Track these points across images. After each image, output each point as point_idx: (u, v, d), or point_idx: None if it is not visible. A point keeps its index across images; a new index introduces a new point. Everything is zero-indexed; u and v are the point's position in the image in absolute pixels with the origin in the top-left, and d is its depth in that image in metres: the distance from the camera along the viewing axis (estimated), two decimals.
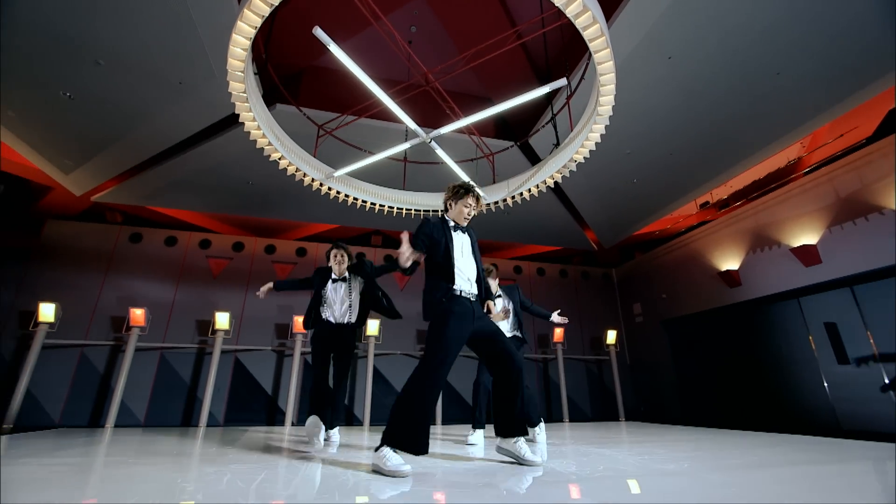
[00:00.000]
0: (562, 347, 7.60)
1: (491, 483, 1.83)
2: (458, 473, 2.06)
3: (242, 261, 7.37)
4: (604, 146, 4.90)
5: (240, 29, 2.06)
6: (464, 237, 2.47)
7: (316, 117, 3.80)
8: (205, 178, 5.46)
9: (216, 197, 6.09)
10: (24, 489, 1.64)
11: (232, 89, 2.52)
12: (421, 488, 1.70)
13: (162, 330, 6.58)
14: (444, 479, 1.91)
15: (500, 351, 2.30)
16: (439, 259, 2.33)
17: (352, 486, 1.73)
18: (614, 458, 2.59)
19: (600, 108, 2.70)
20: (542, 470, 2.13)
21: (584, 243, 7.98)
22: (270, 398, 6.71)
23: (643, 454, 2.73)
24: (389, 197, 3.97)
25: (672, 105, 4.31)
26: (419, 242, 2.30)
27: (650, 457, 2.60)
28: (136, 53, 3.63)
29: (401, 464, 1.95)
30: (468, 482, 1.85)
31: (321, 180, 3.48)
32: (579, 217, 6.85)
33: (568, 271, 8.99)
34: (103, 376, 6.14)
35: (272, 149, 3.02)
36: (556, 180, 3.60)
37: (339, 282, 3.35)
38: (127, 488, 1.67)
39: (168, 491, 1.62)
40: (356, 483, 1.80)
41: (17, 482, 1.75)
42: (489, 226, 7.20)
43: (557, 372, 7.53)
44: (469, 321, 2.28)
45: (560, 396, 7.35)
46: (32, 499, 1.50)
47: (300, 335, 6.64)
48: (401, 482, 1.81)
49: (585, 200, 6.17)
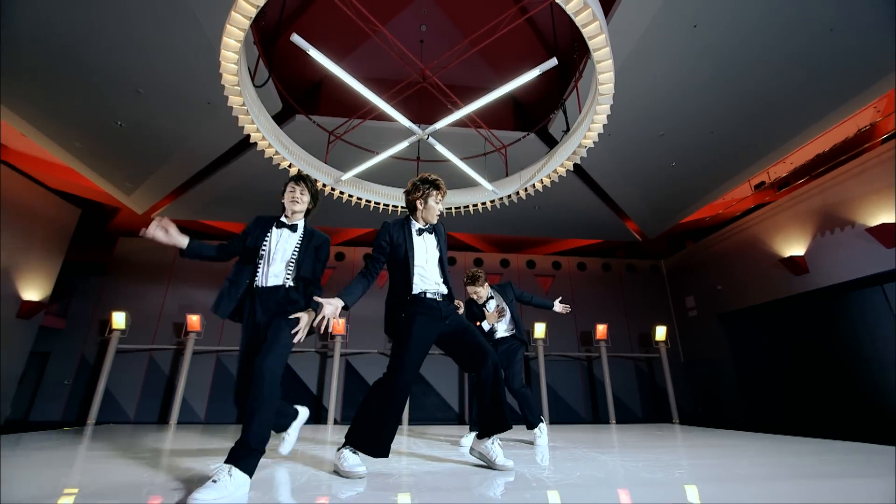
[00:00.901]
0: (605, 345, 7.22)
1: (440, 486, 1.78)
2: (416, 475, 2.04)
3: None
4: (632, 130, 4.60)
5: (227, 45, 2.17)
6: (429, 238, 2.32)
7: (330, 124, 3.93)
8: (243, 192, 5.82)
9: (255, 208, 6.46)
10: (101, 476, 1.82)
11: (231, 103, 2.66)
12: (373, 491, 1.70)
13: (217, 334, 7.11)
14: (400, 482, 1.88)
15: (472, 346, 2.19)
16: (399, 265, 2.24)
17: (306, 485, 1.77)
18: (604, 464, 2.40)
19: (601, 88, 2.50)
20: (512, 475, 2.02)
21: (627, 235, 7.53)
22: (315, 397, 7.01)
23: (642, 461, 2.49)
24: (401, 197, 3.99)
25: (704, 78, 3.92)
26: (376, 253, 2.23)
27: (645, 464, 2.37)
28: (169, 78, 3.95)
29: (357, 464, 1.96)
30: (422, 484, 1.82)
31: (331, 185, 3.57)
32: (616, 207, 6.47)
33: (611, 265, 8.53)
34: (168, 377, 6.75)
35: (280, 157, 3.15)
36: (568, 168, 3.40)
37: (289, 229, 2.25)
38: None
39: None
40: (311, 482, 1.83)
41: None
42: (521, 222, 7.01)
43: (602, 370, 7.15)
44: (435, 321, 2.19)
45: (605, 396, 6.97)
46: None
47: (339, 337, 6.87)
48: (357, 483, 1.82)
49: (620, 189, 5.81)
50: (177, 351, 6.88)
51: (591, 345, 7.63)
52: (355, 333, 7.27)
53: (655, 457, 2.68)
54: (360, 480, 1.87)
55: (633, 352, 7.75)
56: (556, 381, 7.46)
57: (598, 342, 7.29)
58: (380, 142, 3.46)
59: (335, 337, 6.87)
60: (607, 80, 2.44)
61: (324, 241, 2.29)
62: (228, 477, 1.54)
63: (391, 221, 2.31)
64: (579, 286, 8.29)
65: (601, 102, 2.63)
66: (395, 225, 2.30)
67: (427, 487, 1.77)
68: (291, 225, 2.20)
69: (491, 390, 2.18)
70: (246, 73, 2.76)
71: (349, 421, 6.70)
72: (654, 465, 2.32)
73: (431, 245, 2.31)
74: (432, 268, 2.27)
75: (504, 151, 3.95)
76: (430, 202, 2.30)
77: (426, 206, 2.30)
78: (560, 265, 8.43)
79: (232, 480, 1.54)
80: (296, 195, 2.22)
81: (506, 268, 8.28)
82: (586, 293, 8.22)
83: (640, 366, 7.75)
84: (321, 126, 3.82)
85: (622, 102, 4.18)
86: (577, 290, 8.24)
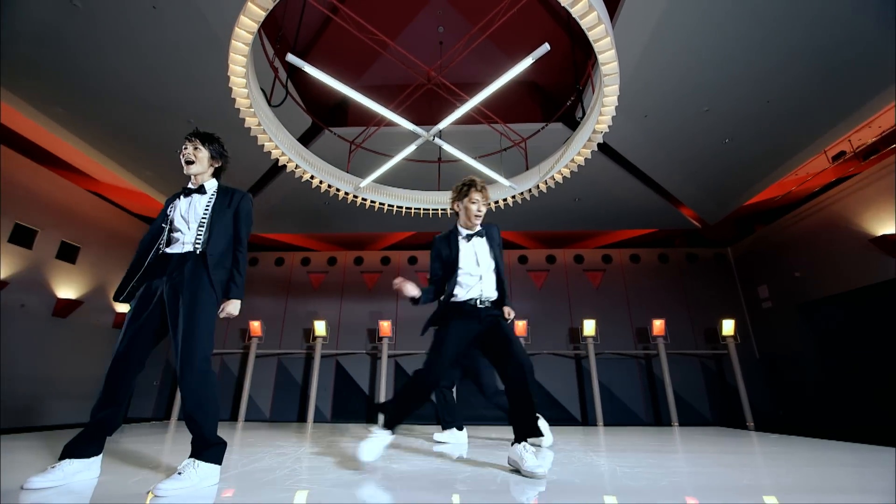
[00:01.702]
0: (664, 341, 6.71)
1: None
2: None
3: (336, 273, 8.17)
4: (671, 108, 4.24)
5: (233, 71, 2.35)
6: (479, 242, 2.32)
7: (350, 134, 4.06)
8: (291, 204, 6.21)
9: (305, 218, 6.87)
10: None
11: (248, 123, 2.87)
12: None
13: (277, 338, 7.65)
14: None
15: (501, 350, 2.18)
16: (448, 271, 2.30)
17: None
18: (596, 467, 2.24)
19: (603, 69, 2.32)
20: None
21: (683, 222, 6.95)
22: (368, 397, 7.28)
23: (636, 466, 2.26)
24: (423, 199, 4.02)
25: (752, 39, 3.48)
26: (432, 275, 2.33)
27: (625, 467, 2.14)
28: (213, 108, 4.33)
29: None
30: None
31: (351, 192, 3.70)
32: (666, 193, 6.00)
33: (669, 255, 7.92)
34: (237, 378, 7.38)
35: (302, 170, 3.34)
36: (586, 156, 3.20)
37: (197, 193, 1.99)
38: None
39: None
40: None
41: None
42: (562, 215, 6.76)
43: (662, 369, 6.66)
44: (474, 323, 2.23)
45: (666, 397, 6.48)
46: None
47: (386, 339, 7.07)
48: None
49: (666, 174, 5.37)
50: (243, 354, 7.50)
51: (649, 342, 7.14)
52: (403, 335, 7.44)
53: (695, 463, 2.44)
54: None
55: (698, 348, 7.12)
56: (611, 381, 7.08)
57: (655, 339, 6.80)
58: (398, 147, 3.53)
59: (382, 339, 7.09)
60: (609, 59, 2.25)
61: (242, 198, 2.04)
62: (194, 469, 1.65)
63: (439, 235, 2.39)
64: (633, 280, 7.79)
65: (607, 84, 2.45)
66: (442, 238, 2.37)
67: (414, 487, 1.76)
68: (199, 187, 1.98)
69: (519, 395, 2.12)
70: (260, 95, 2.97)
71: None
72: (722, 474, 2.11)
73: (482, 250, 2.31)
74: (485, 272, 2.28)
75: (524, 145, 3.83)
76: (465, 203, 2.32)
77: (465, 209, 2.33)
78: (611, 258, 8.00)
79: (197, 472, 1.64)
80: (186, 152, 1.97)
81: (552, 264, 8.02)
82: (641, 287, 7.71)
83: (708, 364, 7.10)
84: (342, 137, 3.98)
85: (653, 79, 3.87)
86: (630, 284, 7.76)
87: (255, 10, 2.13)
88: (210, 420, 1.76)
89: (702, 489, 1.80)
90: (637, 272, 7.86)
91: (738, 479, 1.98)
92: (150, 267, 1.88)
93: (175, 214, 1.94)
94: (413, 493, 1.72)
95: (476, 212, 2.32)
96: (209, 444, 1.73)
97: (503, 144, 3.89)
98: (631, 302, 7.62)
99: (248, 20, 2.13)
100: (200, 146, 2.01)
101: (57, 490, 1.58)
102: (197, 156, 1.99)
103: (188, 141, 2.02)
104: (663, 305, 7.44)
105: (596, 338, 6.94)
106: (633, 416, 6.86)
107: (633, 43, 3.46)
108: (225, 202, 2.00)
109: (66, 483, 1.64)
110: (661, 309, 7.34)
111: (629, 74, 3.69)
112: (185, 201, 1.97)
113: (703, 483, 1.92)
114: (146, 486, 1.66)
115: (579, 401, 7.02)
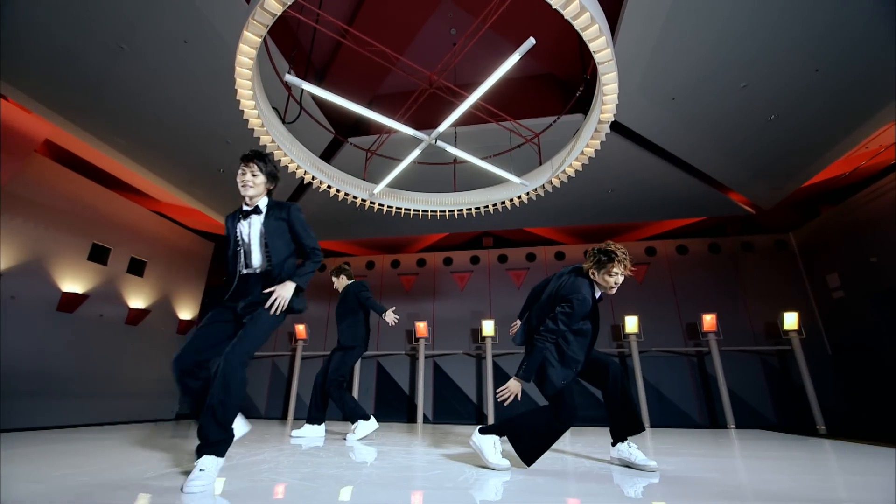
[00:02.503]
0: (715, 337, 6.25)
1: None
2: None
3: (374, 277, 8.43)
4: (701, 88, 3.95)
5: (242, 95, 2.52)
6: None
7: (366, 143, 4.18)
8: (326, 212, 6.50)
9: (342, 225, 7.15)
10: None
11: (263, 142, 3.06)
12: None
13: (321, 340, 8.02)
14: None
15: (593, 361, 2.42)
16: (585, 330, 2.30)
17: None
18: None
19: (597, 56, 2.20)
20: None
21: (733, 208, 6.43)
22: (408, 397, 7.43)
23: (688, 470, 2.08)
24: (439, 201, 4.04)
25: (786, 1, 3.16)
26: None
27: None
28: (244, 129, 4.64)
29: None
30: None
31: (367, 198, 3.81)
32: (709, 179, 5.58)
33: (721, 245, 7.36)
34: (287, 379, 7.83)
35: (318, 181, 3.49)
36: (595, 147, 3.05)
37: (254, 214, 2.16)
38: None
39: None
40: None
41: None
42: (596, 208, 6.51)
43: (714, 367, 6.19)
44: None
45: (720, 397, 6.02)
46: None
47: (423, 339, 7.19)
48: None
49: (706, 158, 4.99)
50: (290, 356, 7.94)
51: (700, 338, 6.67)
52: (439, 336, 7.53)
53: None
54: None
55: (758, 344, 6.55)
56: (659, 381, 6.70)
57: (705, 335, 6.35)
58: (409, 152, 3.58)
59: (419, 340, 7.21)
60: (601, 47, 2.13)
61: (289, 209, 2.17)
62: (213, 464, 1.78)
63: (580, 295, 2.20)
64: (680, 272, 7.33)
65: (604, 72, 2.33)
66: (584, 298, 2.20)
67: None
68: (254, 209, 2.12)
69: (619, 396, 2.40)
70: (272, 114, 3.16)
71: (440, 418, 7.04)
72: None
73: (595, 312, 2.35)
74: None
75: (538, 140, 3.72)
76: (601, 275, 2.23)
77: (599, 277, 2.25)
78: (655, 251, 7.57)
79: (215, 466, 1.78)
80: (245, 179, 2.09)
81: None
82: (689, 279, 7.23)
83: (770, 361, 6.51)
84: (357, 146, 4.12)
85: (676, 59, 3.63)
86: (677, 276, 7.31)
87: (252, 38, 2.29)
88: (231, 414, 1.86)
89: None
90: (685, 264, 7.38)
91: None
92: (236, 288, 2.09)
93: (241, 237, 2.13)
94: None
95: (614, 284, 2.23)
96: (222, 440, 1.84)
97: (513, 141, 3.82)
98: (679, 296, 7.17)
99: (247, 47, 2.30)
100: (258, 172, 2.12)
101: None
102: (255, 182, 2.11)
103: (245, 166, 2.12)
104: (715, 299, 6.93)
105: (639, 335, 6.60)
106: (684, 418, 6.45)
107: (650, 22, 3.26)
108: (278, 216, 2.14)
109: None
110: (713, 302, 6.85)
111: (647, 58, 3.48)
112: (245, 224, 2.13)
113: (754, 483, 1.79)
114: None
115: None
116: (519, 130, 3.73)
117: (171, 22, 3.31)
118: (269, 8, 2.08)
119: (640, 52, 3.47)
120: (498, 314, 7.47)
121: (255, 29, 2.26)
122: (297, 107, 3.47)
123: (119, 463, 2.31)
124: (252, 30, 2.24)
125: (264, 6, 2.07)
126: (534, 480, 1.98)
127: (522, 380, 2.10)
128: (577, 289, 2.18)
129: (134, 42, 3.48)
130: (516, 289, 7.79)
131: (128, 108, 4.38)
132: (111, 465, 2.25)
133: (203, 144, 4.96)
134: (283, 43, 3.81)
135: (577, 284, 2.21)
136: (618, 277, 2.16)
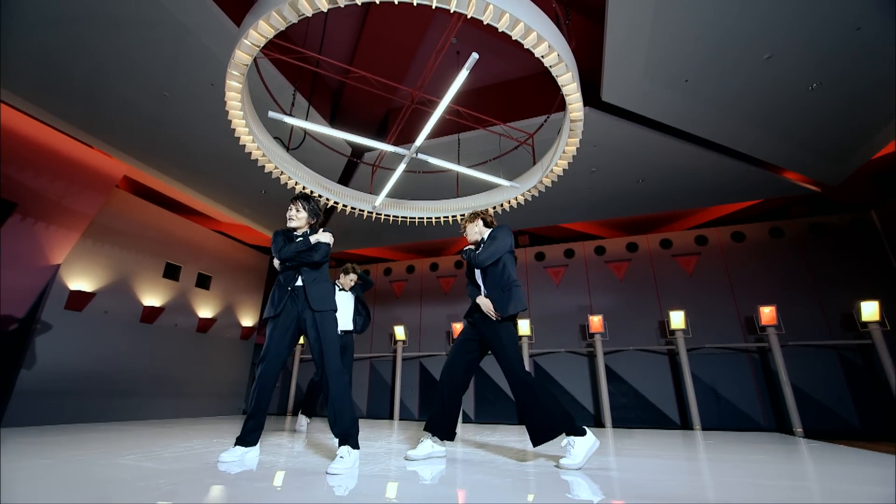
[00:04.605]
0: (776, 331, 5.65)
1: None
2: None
3: (414, 280, 8.71)
4: (715, 65, 3.65)
5: (239, 132, 2.83)
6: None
7: (372, 157, 4.36)
8: (359, 223, 6.86)
9: (374, 234, 7.51)
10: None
11: (267, 169, 3.37)
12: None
13: (417, 341, 8.22)
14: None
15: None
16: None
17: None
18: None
19: (545, 60, 2.13)
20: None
21: (793, 188, 5.79)
22: None
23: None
24: (442, 208, 4.11)
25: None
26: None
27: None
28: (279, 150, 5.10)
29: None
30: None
31: (369, 210, 3.99)
32: (749, 158, 5.08)
33: (783, 228, 6.63)
34: (388, 381, 8.33)
35: (324, 198, 3.76)
36: (575, 145, 2.93)
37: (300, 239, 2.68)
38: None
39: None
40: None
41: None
42: (628, 200, 6.22)
43: (777, 364, 5.60)
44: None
45: (784, 398, 5.44)
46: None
47: None
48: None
49: (738, 136, 4.54)
50: (393, 358, 8.16)
51: (759, 332, 6.07)
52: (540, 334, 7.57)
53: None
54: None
55: (834, 338, 5.81)
56: (715, 379, 6.20)
57: (764, 328, 5.77)
58: (419, 161, 3.72)
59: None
60: (545, 52, 2.07)
61: (314, 243, 2.60)
62: (349, 454, 2.15)
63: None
64: (737, 262, 6.72)
65: (558, 74, 2.25)
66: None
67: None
68: (298, 237, 2.60)
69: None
70: (272, 143, 3.47)
71: (483, 418, 7.09)
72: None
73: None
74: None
75: (531, 141, 3.65)
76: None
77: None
78: (706, 240, 7.01)
79: (351, 456, 2.15)
80: (291, 213, 2.62)
81: (634, 252, 7.35)
82: (748, 269, 6.61)
83: (850, 357, 5.74)
84: (364, 162, 4.33)
85: (677, 39, 3.39)
86: (733, 266, 6.70)
87: (234, 86, 2.61)
88: (350, 412, 2.30)
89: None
90: (741, 252, 6.75)
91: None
92: (291, 299, 2.52)
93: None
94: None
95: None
96: (351, 434, 2.23)
97: (503, 144, 3.79)
98: (735, 287, 6.58)
99: (233, 93, 2.62)
100: (301, 209, 2.63)
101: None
102: (298, 217, 2.62)
103: (292, 203, 2.65)
104: (778, 288, 6.27)
105: (686, 330, 6.16)
106: (746, 420, 5.90)
107: (640, 4, 3.09)
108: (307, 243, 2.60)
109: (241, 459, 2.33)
110: (776, 293, 6.20)
111: (645, 43, 3.27)
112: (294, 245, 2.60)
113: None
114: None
115: (676, 401, 6.30)
116: (511, 133, 3.71)
117: (197, 70, 3.78)
118: (240, 60, 2.38)
119: (635, 37, 3.29)
120: (535, 313, 7.37)
121: (234, 78, 2.58)
122: (310, 133, 3.77)
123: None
124: (232, 79, 2.57)
125: (235, 60, 2.39)
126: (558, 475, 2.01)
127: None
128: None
129: (173, 89, 4.01)
130: (555, 286, 7.62)
131: (178, 145, 5.01)
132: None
133: (243, 169, 5.51)
134: (291, 71, 4.14)
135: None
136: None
